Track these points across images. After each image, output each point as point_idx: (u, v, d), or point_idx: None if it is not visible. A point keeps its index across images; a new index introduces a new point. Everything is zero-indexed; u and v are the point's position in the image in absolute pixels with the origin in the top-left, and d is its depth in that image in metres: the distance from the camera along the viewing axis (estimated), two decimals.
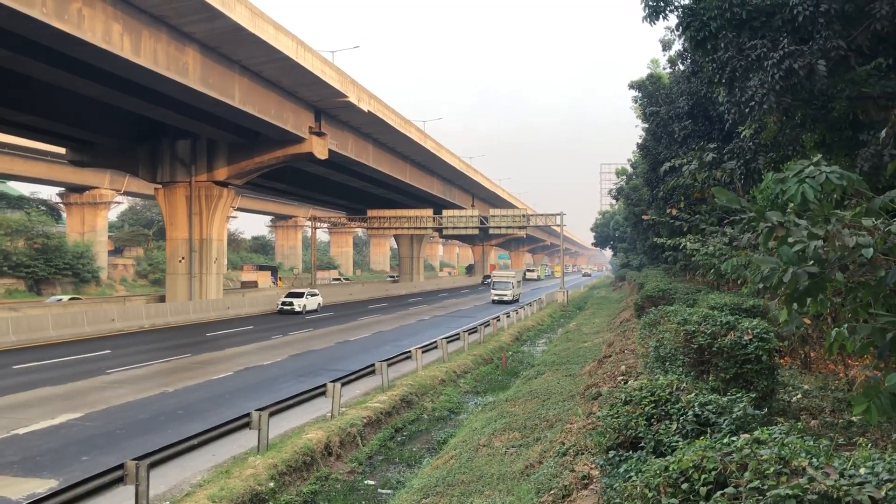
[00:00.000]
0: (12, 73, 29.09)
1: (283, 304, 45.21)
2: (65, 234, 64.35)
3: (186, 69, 29.98)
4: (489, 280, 70.36)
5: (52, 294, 52.27)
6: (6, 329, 27.77)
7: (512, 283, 59.00)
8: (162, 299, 43.04)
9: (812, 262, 3.85)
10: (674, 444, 5.73)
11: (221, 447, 13.15)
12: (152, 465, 10.55)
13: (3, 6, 21.49)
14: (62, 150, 45.96)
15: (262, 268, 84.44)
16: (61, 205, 71.92)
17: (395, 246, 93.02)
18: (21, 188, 76.70)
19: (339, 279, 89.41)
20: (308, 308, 45.97)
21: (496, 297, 57.34)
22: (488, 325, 33.67)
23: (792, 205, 4.27)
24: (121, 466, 10.17)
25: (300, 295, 46.62)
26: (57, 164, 58.36)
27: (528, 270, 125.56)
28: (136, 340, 30.19)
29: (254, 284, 70.78)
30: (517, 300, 57.01)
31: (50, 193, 75.90)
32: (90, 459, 12.63)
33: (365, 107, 42.51)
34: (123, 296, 52.04)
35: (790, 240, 3.91)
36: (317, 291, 49.46)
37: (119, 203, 75.94)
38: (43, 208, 70.46)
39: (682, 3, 12.24)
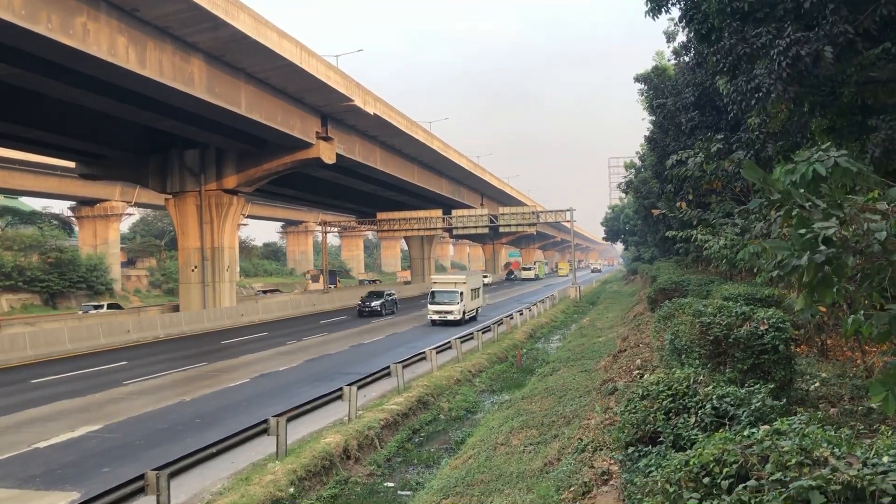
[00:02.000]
0: (20, 90, 29.40)
1: None
2: (77, 248, 64.74)
3: (192, 79, 30.13)
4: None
5: (66, 307, 52.30)
6: (24, 344, 28.01)
7: (459, 294, 38.39)
8: (176, 309, 43.22)
9: (824, 246, 3.82)
10: (693, 437, 5.71)
11: (240, 454, 13.20)
12: (172, 475, 10.63)
13: (10, 24, 21.68)
14: (72, 165, 46.31)
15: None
16: (73, 218, 72.41)
17: (406, 248, 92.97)
18: (33, 203, 77.52)
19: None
20: None
21: (436, 317, 37.96)
22: (501, 323, 33.65)
23: (803, 191, 4.24)
24: (141, 477, 10.26)
25: None
26: (67, 179, 58.77)
27: (525, 269, 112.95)
28: (151, 351, 30.36)
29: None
30: (474, 318, 40.21)
31: (62, 208, 76.45)
32: (111, 471, 12.71)
33: (371, 110, 42.55)
34: (138, 307, 52.36)
35: (809, 220, 3.87)
36: None
37: (130, 215, 76.40)
38: (55, 223, 71.02)
39: None
